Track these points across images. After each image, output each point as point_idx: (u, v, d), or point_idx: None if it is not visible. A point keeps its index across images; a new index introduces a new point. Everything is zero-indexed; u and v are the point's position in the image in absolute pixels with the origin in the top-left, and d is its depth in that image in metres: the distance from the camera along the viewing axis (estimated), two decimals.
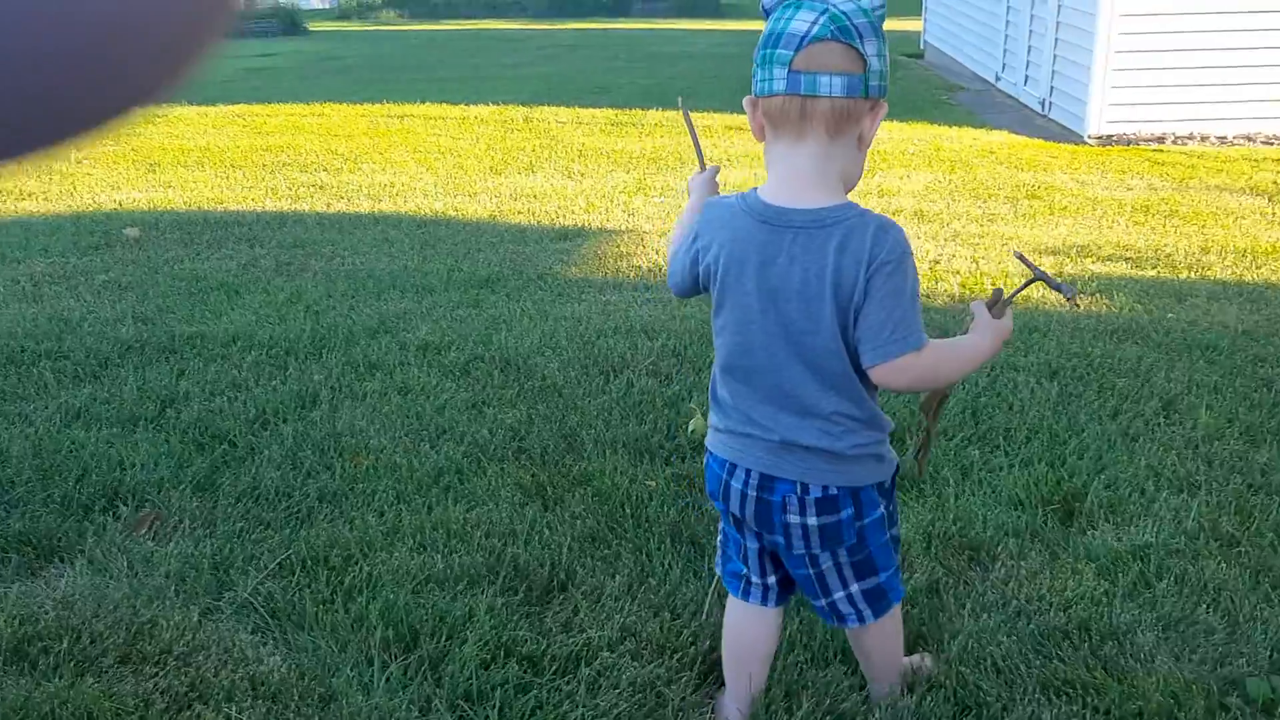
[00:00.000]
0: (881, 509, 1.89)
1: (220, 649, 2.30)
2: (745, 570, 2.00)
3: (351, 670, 2.22)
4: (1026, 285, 1.99)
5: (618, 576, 2.54)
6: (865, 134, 1.72)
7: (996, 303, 1.84)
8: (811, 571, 1.90)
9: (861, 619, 1.95)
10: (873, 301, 1.67)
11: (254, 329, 4.25)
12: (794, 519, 1.83)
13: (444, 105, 10.45)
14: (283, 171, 7.55)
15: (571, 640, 2.31)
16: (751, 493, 1.85)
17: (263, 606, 2.45)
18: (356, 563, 2.60)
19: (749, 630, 2.07)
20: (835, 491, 1.81)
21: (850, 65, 1.64)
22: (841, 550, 1.87)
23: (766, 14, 1.74)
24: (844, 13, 1.64)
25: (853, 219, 1.69)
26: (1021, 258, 1.97)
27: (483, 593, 2.48)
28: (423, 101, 10.67)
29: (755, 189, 1.78)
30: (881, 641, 2.06)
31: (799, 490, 1.81)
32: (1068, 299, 1.98)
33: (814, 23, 1.63)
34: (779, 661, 2.21)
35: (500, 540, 2.69)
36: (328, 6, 24.91)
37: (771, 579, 1.99)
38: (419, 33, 20.14)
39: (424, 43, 18.06)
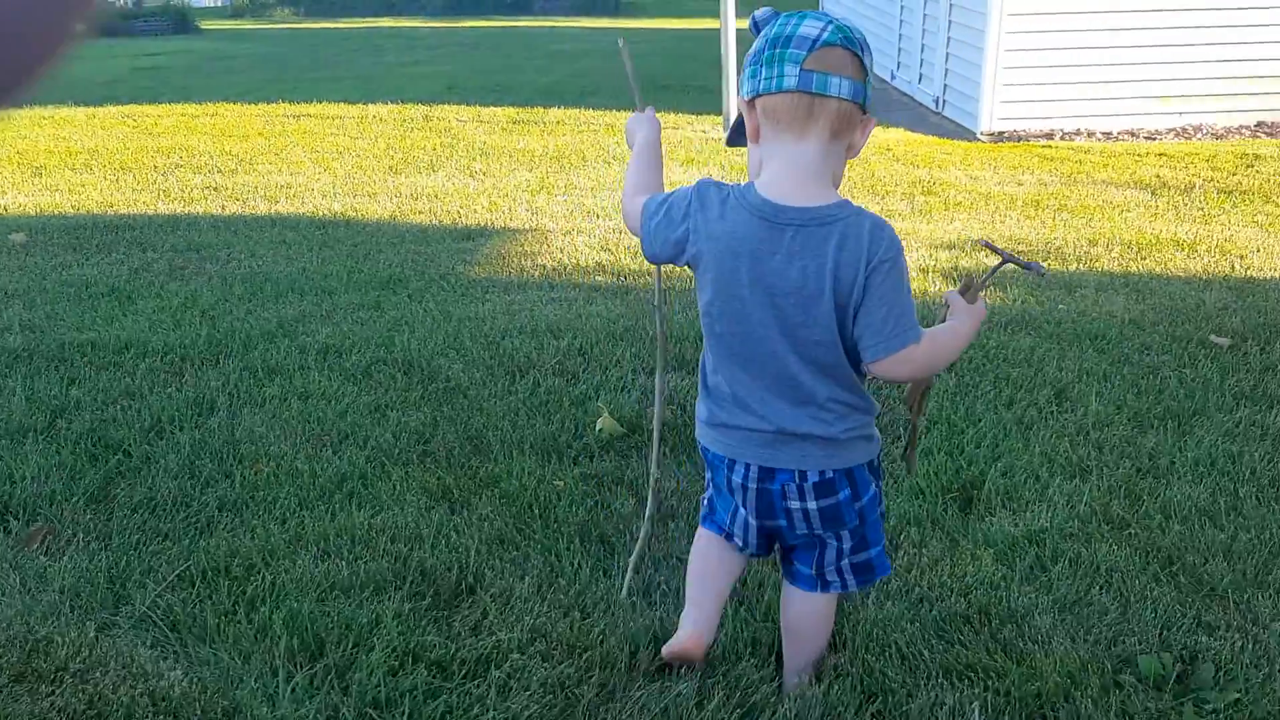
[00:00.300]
0: (874, 487, 1.99)
1: (119, 665, 2.23)
2: (729, 527, 2.07)
3: (255, 682, 2.18)
4: (996, 270, 2.05)
5: (527, 578, 2.53)
6: (856, 143, 1.81)
7: (969, 289, 1.92)
8: (815, 550, 2.01)
9: (845, 586, 2.06)
10: (873, 298, 1.75)
11: (147, 335, 4.13)
12: (795, 504, 1.93)
13: (341, 104, 10.29)
14: (175, 173, 7.36)
15: (481, 643, 2.29)
16: (752, 485, 1.94)
17: (162, 620, 2.39)
18: (259, 572, 2.55)
19: (717, 553, 2.12)
20: (831, 475, 1.91)
21: (856, 73, 1.74)
22: (845, 532, 1.98)
23: (756, 27, 1.82)
24: (847, 25, 1.75)
25: (850, 217, 1.77)
26: (988, 244, 2.06)
27: (389, 599, 2.45)
28: (320, 101, 10.49)
29: (752, 183, 1.83)
30: (821, 624, 2.14)
31: (797, 478, 1.90)
32: (1039, 275, 2.06)
33: (823, 29, 1.73)
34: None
35: (406, 545, 2.66)
36: (220, 4, 24.31)
37: (755, 541, 2.05)
38: (315, 31, 19.79)
39: (320, 41, 17.75)
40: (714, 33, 8.91)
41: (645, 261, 5.04)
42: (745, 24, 1.90)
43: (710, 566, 2.13)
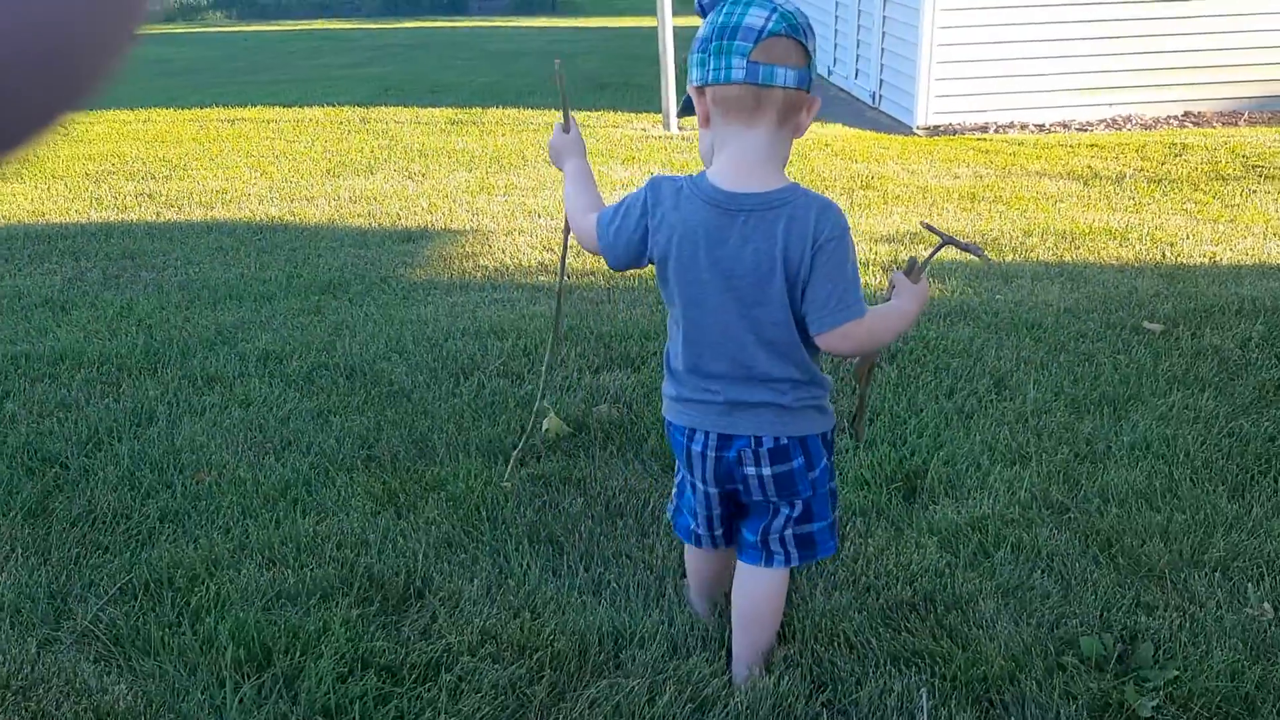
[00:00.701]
0: (826, 460, 2.06)
1: (61, 681, 2.20)
2: (694, 525, 2.18)
3: (202, 694, 2.15)
4: (938, 250, 2.09)
5: (475, 580, 2.52)
6: (802, 124, 1.87)
7: (913, 270, 1.98)
8: (766, 517, 2.08)
9: (788, 560, 2.11)
10: (818, 275, 1.83)
11: (82, 346, 4.06)
12: (750, 470, 2.01)
13: (277, 108, 10.17)
14: (107, 181, 7.23)
15: (431, 647, 2.28)
16: (711, 453, 2.02)
17: (105, 634, 2.35)
18: (203, 582, 2.52)
19: (708, 566, 2.32)
20: (785, 442, 1.98)
21: (800, 59, 1.81)
22: (798, 501, 2.04)
23: (703, 11, 1.86)
24: (791, 11, 1.79)
25: (798, 200, 1.84)
26: (930, 226, 2.10)
27: (337, 605, 2.43)
28: (255, 105, 10.36)
29: (703, 173, 1.90)
30: (769, 608, 2.18)
31: (753, 444, 1.98)
32: (979, 257, 2.11)
33: (768, 19, 1.77)
34: (640, 654, 2.23)
35: (353, 551, 2.64)
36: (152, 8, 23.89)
37: (719, 532, 2.16)
38: (249, 34, 19.54)
39: (254, 44, 17.53)
40: (651, 30, 8.93)
41: (588, 260, 5.05)
42: (682, 21, 1.96)
43: (706, 581, 2.36)
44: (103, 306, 4.60)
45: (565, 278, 2.42)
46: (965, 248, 2.05)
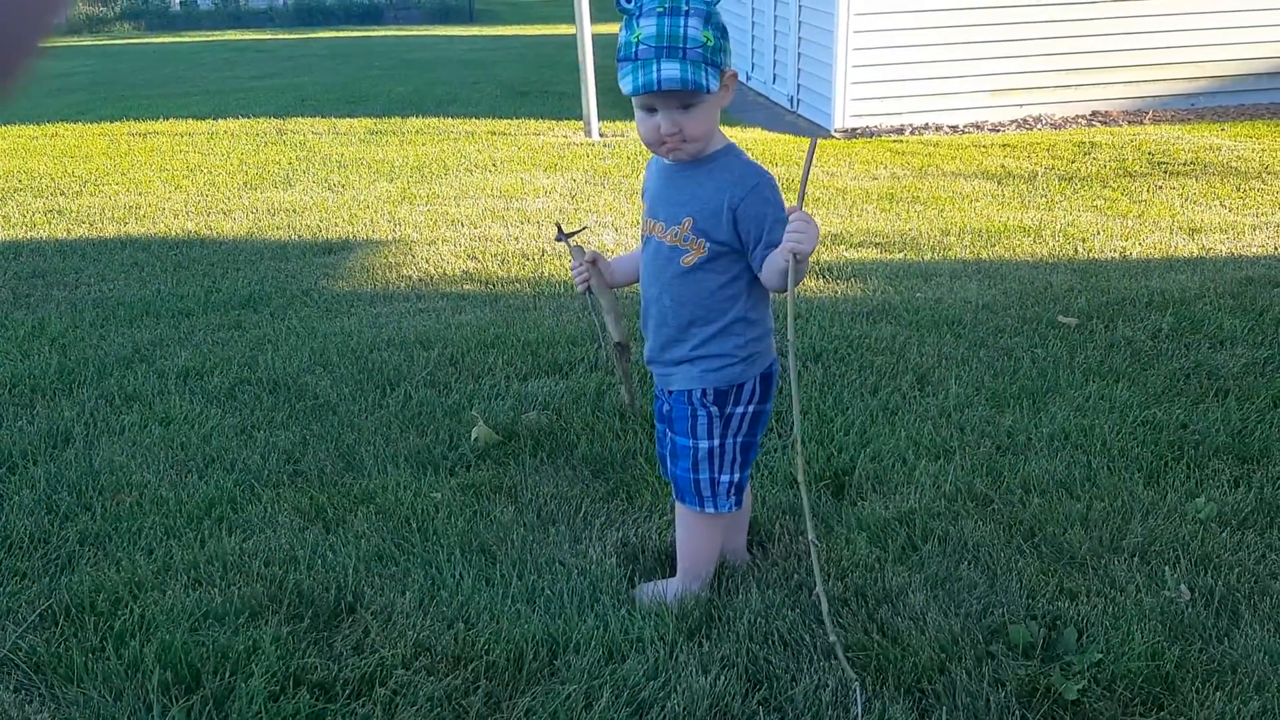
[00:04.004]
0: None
1: None
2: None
3: (129, 719, 2.10)
4: (569, 235, 2.54)
5: (408, 593, 2.50)
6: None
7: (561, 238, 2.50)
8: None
9: (680, 499, 2.38)
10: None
11: None
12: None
13: (190, 120, 9.98)
14: (14, 198, 7.03)
15: (364, 662, 2.26)
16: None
17: (25, 662, 2.29)
18: (126, 605, 2.46)
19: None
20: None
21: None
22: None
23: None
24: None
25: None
26: (560, 232, 2.53)
27: (266, 623, 2.39)
28: (167, 118, 10.16)
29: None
30: (678, 531, 2.46)
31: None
32: (560, 239, 2.54)
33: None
34: (576, 659, 2.23)
35: (281, 568, 2.60)
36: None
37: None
38: (159, 45, 19.15)
39: (165, 56, 17.19)
40: (568, 38, 8.92)
41: (514, 268, 5.03)
42: (601, 29, 2.09)
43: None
44: (13, 327, 4.48)
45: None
46: (563, 236, 2.53)
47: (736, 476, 2.33)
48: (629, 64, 2.03)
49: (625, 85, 2.04)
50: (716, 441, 2.28)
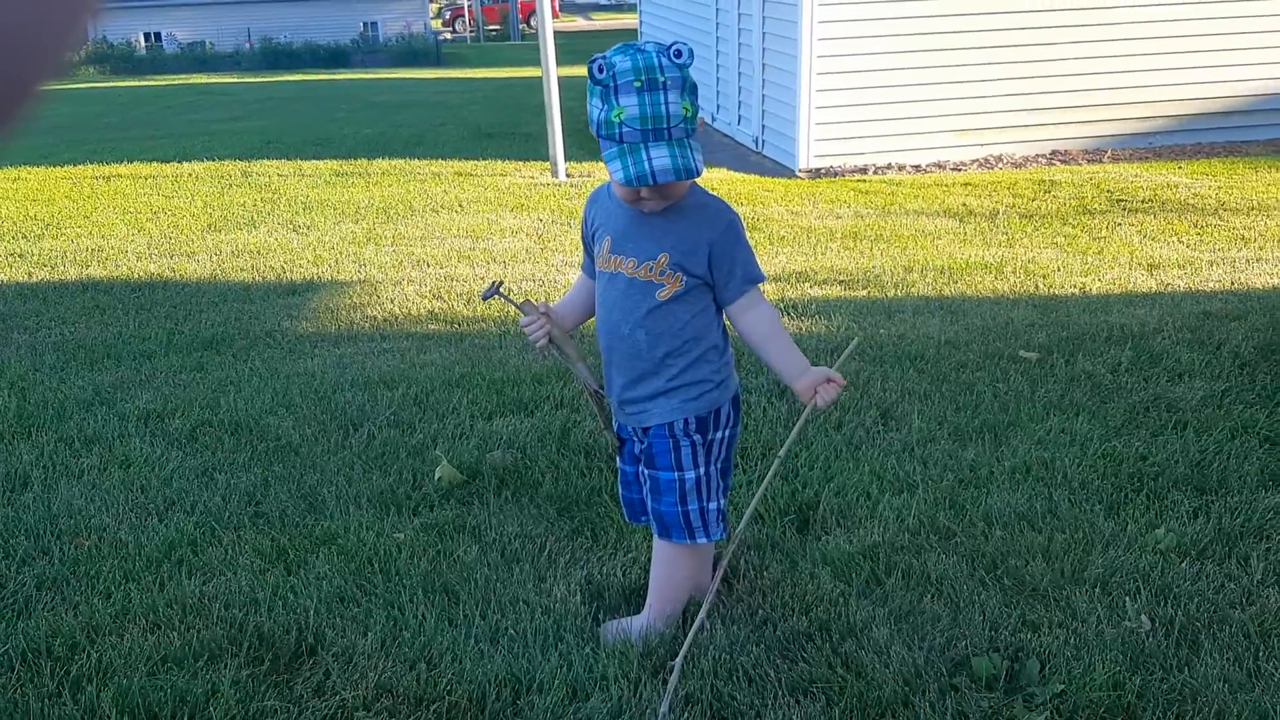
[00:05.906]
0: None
1: None
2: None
3: None
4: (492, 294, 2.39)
5: (370, 634, 2.48)
6: None
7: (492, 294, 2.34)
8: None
9: (664, 536, 2.36)
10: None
11: None
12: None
13: (154, 164, 9.94)
14: None
15: (325, 704, 2.23)
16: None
17: None
18: (83, 650, 2.42)
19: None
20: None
21: None
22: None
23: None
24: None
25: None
26: (497, 289, 2.38)
27: (225, 666, 2.36)
28: (131, 161, 10.12)
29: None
30: (657, 569, 2.46)
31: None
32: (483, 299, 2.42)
33: None
34: (539, 699, 2.21)
35: (241, 610, 2.57)
36: None
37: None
38: (124, 89, 19.12)
39: (130, 100, 17.16)
40: (534, 80, 8.99)
41: (478, 308, 5.03)
42: (567, 71, 2.13)
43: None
44: None
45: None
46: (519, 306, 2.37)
47: (722, 502, 2.37)
48: (614, 145, 2.05)
49: (616, 174, 2.07)
50: (702, 470, 2.30)
